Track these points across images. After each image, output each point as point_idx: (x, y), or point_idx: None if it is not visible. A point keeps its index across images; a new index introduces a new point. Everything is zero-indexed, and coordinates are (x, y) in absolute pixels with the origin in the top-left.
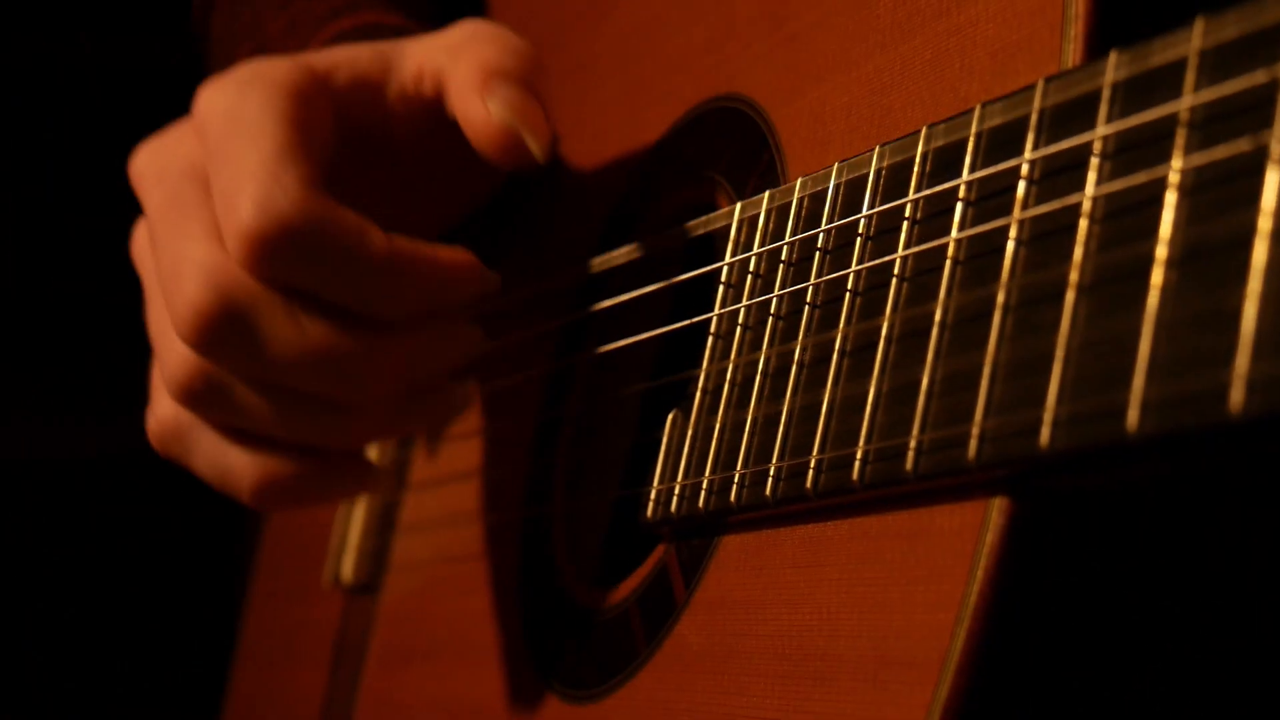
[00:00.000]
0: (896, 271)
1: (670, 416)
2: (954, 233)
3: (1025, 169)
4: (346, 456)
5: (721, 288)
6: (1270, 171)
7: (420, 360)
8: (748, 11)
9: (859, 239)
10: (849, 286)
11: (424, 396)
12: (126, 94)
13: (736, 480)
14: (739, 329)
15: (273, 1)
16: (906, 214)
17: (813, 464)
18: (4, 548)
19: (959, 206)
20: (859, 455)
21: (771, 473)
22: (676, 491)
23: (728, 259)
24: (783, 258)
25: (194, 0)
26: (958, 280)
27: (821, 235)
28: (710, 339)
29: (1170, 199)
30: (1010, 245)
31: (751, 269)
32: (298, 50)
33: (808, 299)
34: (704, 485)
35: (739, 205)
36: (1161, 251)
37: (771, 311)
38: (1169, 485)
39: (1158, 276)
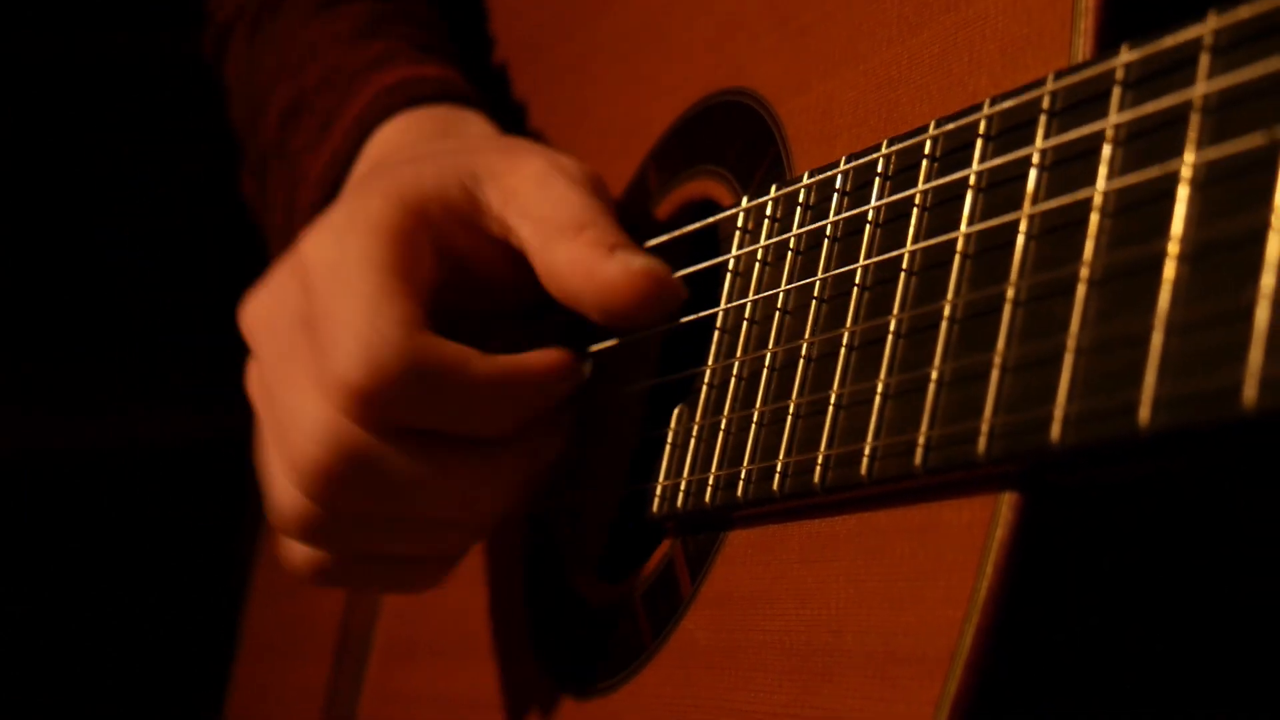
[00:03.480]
0: (905, 266)
1: (675, 412)
2: (963, 226)
3: (1036, 159)
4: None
5: (728, 282)
6: None
7: (535, 462)
8: (754, 5)
9: (867, 232)
10: (856, 281)
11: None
12: (136, 89)
13: (743, 475)
14: (745, 324)
15: (295, 49)
16: (916, 205)
17: (820, 459)
18: (6, 540)
19: (968, 199)
20: (867, 451)
21: (779, 468)
22: (682, 487)
23: (734, 252)
24: (790, 250)
25: (205, 36)
26: (967, 274)
27: (829, 228)
28: (716, 334)
29: (1183, 193)
30: (1020, 239)
31: (759, 262)
32: (336, 107)
33: (815, 294)
34: (710, 480)
35: (745, 199)
36: (1174, 246)
37: (778, 306)
38: (1180, 479)
39: (1170, 271)
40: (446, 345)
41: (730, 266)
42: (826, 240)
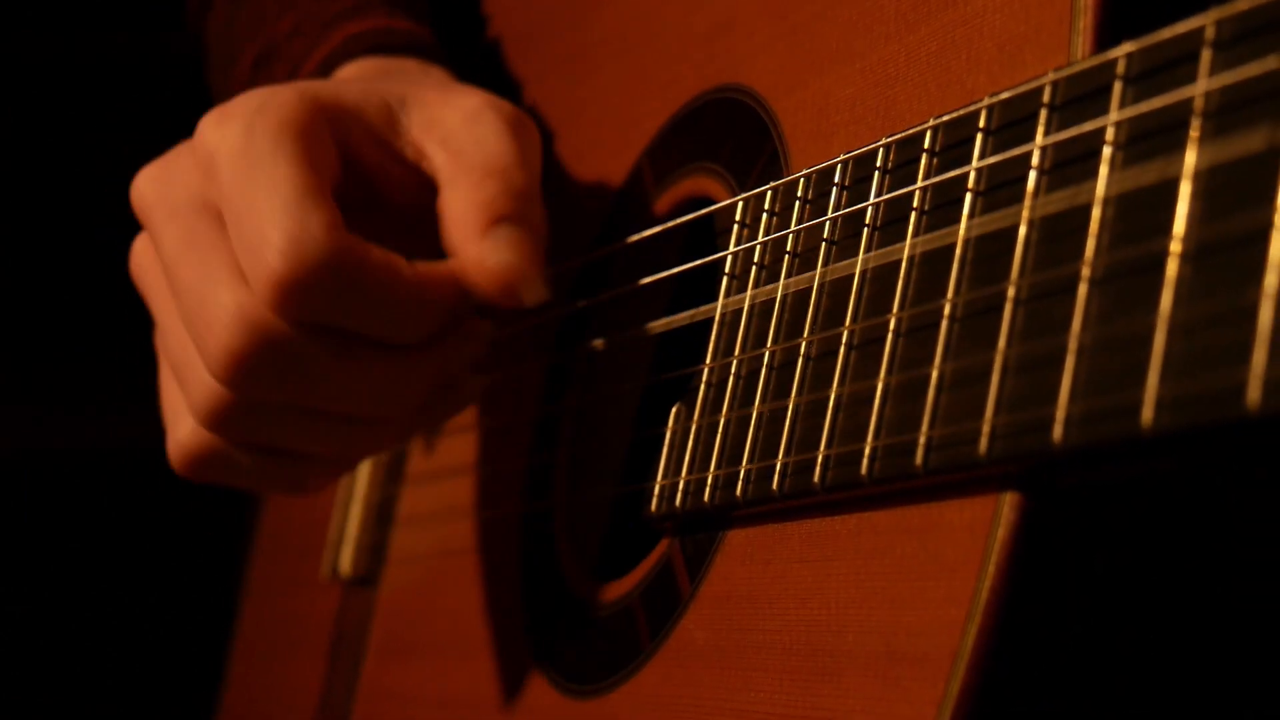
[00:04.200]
0: (904, 264)
1: (674, 410)
2: (963, 223)
3: (1036, 158)
4: None
5: (725, 279)
6: None
7: (446, 368)
8: (750, 1)
9: (866, 230)
10: (855, 279)
11: (444, 395)
12: (126, 89)
13: (742, 475)
14: (743, 322)
15: (272, 2)
16: (915, 204)
17: (820, 459)
18: (6, 540)
19: (968, 197)
20: (867, 451)
21: (778, 467)
22: (681, 486)
23: (731, 248)
24: (788, 249)
25: (188, 3)
26: (967, 273)
27: (827, 226)
28: (714, 332)
29: (1185, 191)
30: (1021, 238)
31: (756, 260)
32: (304, 52)
33: (813, 290)
34: (709, 480)
35: (742, 196)
36: (1176, 245)
37: (776, 304)
38: (1181, 479)
39: (1172, 271)
40: (372, 248)
41: (727, 262)
42: (825, 237)
